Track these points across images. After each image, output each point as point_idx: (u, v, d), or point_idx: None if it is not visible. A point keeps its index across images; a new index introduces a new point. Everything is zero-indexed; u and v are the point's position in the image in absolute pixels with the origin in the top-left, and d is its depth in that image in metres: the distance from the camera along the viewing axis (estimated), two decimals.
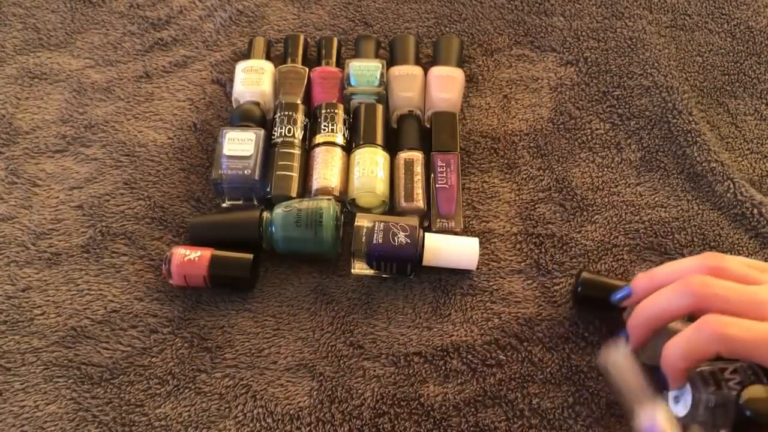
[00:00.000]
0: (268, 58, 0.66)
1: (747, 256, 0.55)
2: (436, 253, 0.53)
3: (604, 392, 0.49)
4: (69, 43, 0.69)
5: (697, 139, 0.61)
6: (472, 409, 0.48)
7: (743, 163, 0.61)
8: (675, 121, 0.63)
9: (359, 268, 0.54)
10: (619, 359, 0.45)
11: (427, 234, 0.53)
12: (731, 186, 0.58)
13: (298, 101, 0.62)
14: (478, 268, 0.55)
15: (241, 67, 0.64)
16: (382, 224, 0.52)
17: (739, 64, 0.68)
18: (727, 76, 0.66)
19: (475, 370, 0.50)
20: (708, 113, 0.64)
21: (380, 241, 0.51)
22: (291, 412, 0.49)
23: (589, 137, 0.62)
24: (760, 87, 0.66)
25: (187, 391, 0.49)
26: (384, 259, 0.52)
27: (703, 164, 0.60)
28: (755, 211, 0.57)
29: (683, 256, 0.56)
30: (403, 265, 0.52)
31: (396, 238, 0.51)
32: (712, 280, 0.41)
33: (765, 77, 0.67)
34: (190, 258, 0.52)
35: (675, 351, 0.41)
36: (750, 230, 0.56)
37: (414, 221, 0.53)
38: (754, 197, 0.58)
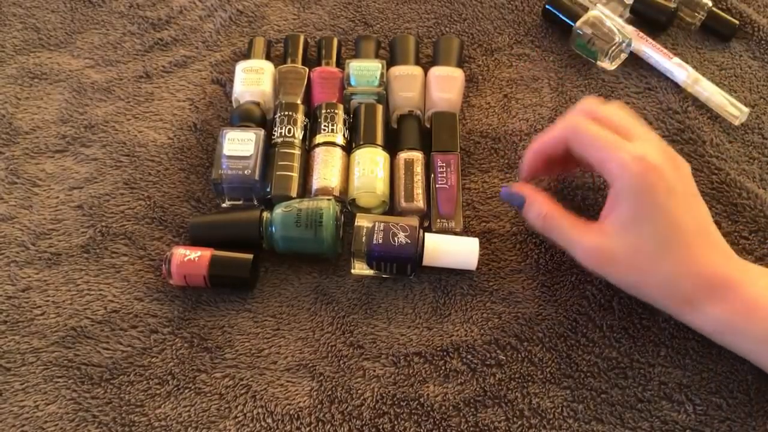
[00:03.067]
0: (268, 58, 0.66)
1: (747, 255, 0.55)
2: (436, 253, 0.53)
3: (605, 391, 0.49)
4: (69, 43, 0.69)
5: (694, 136, 0.61)
6: (472, 409, 0.48)
7: (743, 160, 0.61)
8: (672, 120, 0.63)
9: (359, 268, 0.54)
10: None
11: (427, 234, 0.53)
12: (731, 181, 0.58)
13: (298, 101, 0.62)
14: (478, 268, 0.55)
15: (241, 67, 0.64)
16: (382, 224, 0.52)
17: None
18: (724, 71, 0.66)
19: (475, 370, 0.50)
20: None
21: (380, 241, 0.51)
22: (291, 412, 0.49)
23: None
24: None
25: (187, 391, 0.49)
26: (384, 259, 0.52)
27: (702, 162, 0.60)
28: (753, 203, 0.57)
29: None
30: (403, 266, 0.52)
31: (396, 239, 0.51)
32: (585, 121, 0.49)
33: None
34: (190, 258, 0.52)
35: (535, 140, 0.52)
36: (750, 223, 0.56)
37: (414, 221, 0.53)
38: (752, 191, 0.58)
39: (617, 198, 0.47)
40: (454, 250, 0.53)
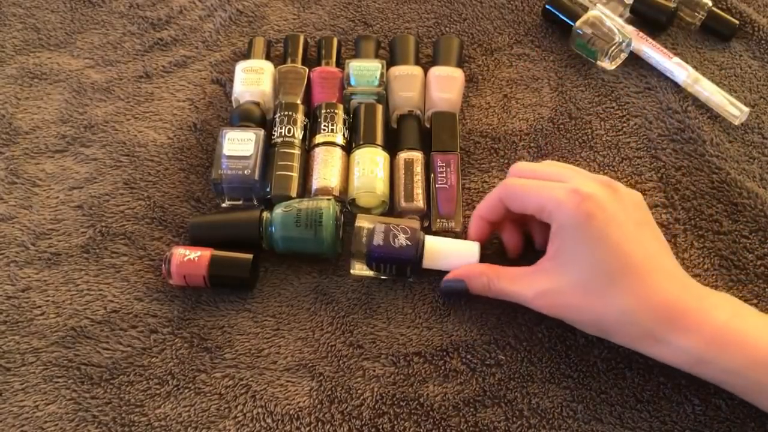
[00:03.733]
0: (268, 58, 0.66)
1: (747, 254, 0.55)
2: (436, 255, 0.52)
3: (604, 391, 0.49)
4: (69, 43, 0.69)
5: (694, 136, 0.61)
6: (472, 409, 0.48)
7: (743, 160, 0.61)
8: (672, 120, 0.63)
9: (359, 269, 0.54)
10: None
11: (427, 236, 0.53)
12: (731, 181, 0.58)
13: (298, 101, 0.62)
14: None
15: (240, 67, 0.64)
16: (382, 225, 0.52)
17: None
18: (724, 71, 0.66)
19: (474, 370, 0.50)
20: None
21: (380, 242, 0.51)
22: (291, 412, 0.49)
23: (590, 137, 0.62)
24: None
25: (186, 391, 0.49)
26: (384, 260, 0.52)
27: (702, 162, 0.60)
28: (753, 203, 0.57)
29: (683, 258, 0.55)
30: (402, 267, 0.52)
31: (396, 240, 0.51)
32: (515, 179, 0.50)
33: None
34: (189, 258, 0.52)
35: (478, 206, 0.52)
36: (751, 223, 0.56)
37: (415, 223, 0.53)
38: (752, 190, 0.58)
39: (557, 236, 0.46)
40: (454, 253, 0.53)
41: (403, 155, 0.58)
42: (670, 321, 0.43)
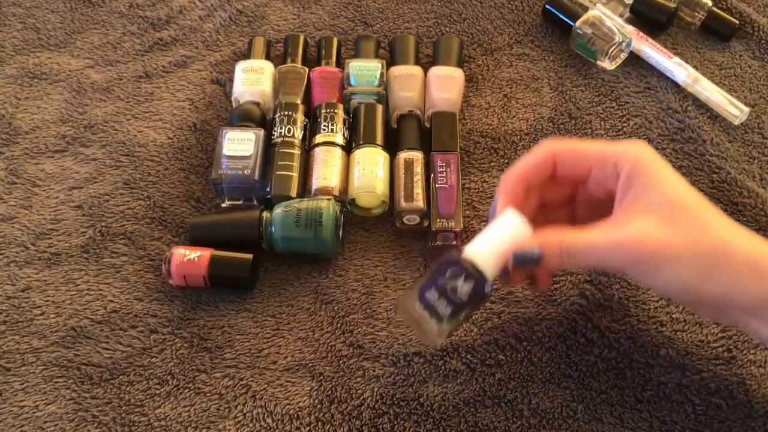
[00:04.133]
0: (268, 58, 0.66)
1: None
2: (493, 261, 0.44)
3: (604, 391, 0.49)
4: (69, 43, 0.69)
5: (694, 135, 0.61)
6: (472, 409, 0.48)
7: (743, 160, 0.61)
8: (672, 119, 0.63)
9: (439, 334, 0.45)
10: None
11: (468, 248, 0.45)
12: (731, 180, 0.58)
13: (298, 101, 0.62)
14: None
15: (240, 67, 0.64)
16: (433, 291, 0.43)
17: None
18: (724, 70, 0.66)
19: (474, 370, 0.50)
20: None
21: (446, 310, 0.43)
22: (291, 412, 0.49)
23: (590, 137, 0.62)
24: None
25: (186, 391, 0.49)
26: (458, 312, 0.44)
27: (702, 161, 0.60)
28: (753, 202, 0.57)
29: None
30: (480, 304, 0.46)
31: (457, 292, 0.43)
32: (564, 140, 0.46)
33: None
34: (189, 258, 0.52)
35: (516, 167, 0.46)
36: (751, 222, 0.56)
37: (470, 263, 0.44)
38: (752, 190, 0.58)
39: (632, 180, 0.42)
40: (505, 241, 0.44)
41: (403, 155, 0.58)
42: (764, 253, 0.40)
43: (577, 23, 0.66)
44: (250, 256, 0.53)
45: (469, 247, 0.44)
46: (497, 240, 0.44)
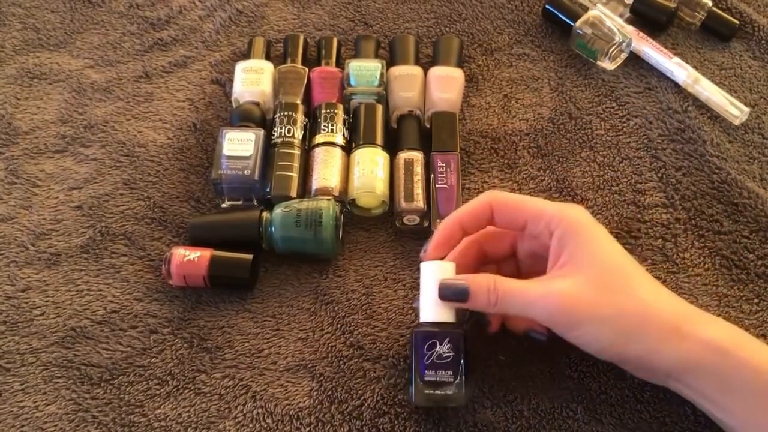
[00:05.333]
0: (267, 58, 0.66)
1: (748, 254, 0.55)
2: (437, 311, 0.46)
3: (604, 392, 0.49)
4: (69, 43, 0.69)
5: (694, 136, 0.61)
6: (471, 410, 0.48)
7: (744, 160, 0.61)
8: (672, 120, 0.63)
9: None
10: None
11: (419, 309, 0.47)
12: (731, 181, 0.58)
13: (298, 101, 0.62)
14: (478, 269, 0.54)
15: (240, 67, 0.64)
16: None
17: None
18: (724, 71, 0.66)
19: (473, 370, 0.50)
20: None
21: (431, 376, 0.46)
22: (291, 412, 0.49)
23: (590, 137, 0.62)
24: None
25: (186, 391, 0.49)
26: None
27: (703, 162, 0.60)
28: (753, 202, 0.57)
29: (684, 258, 0.55)
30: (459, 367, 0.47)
31: (441, 360, 0.46)
32: (503, 192, 0.48)
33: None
34: (189, 258, 0.52)
35: (458, 211, 0.48)
36: (751, 223, 0.56)
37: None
38: (752, 190, 0.58)
39: (566, 240, 0.44)
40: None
41: (403, 155, 0.58)
42: (694, 312, 0.43)
43: (577, 23, 0.66)
44: (250, 256, 0.53)
45: (421, 315, 0.47)
46: (434, 289, 0.46)
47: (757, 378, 0.40)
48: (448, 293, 0.45)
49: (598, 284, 0.42)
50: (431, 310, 0.46)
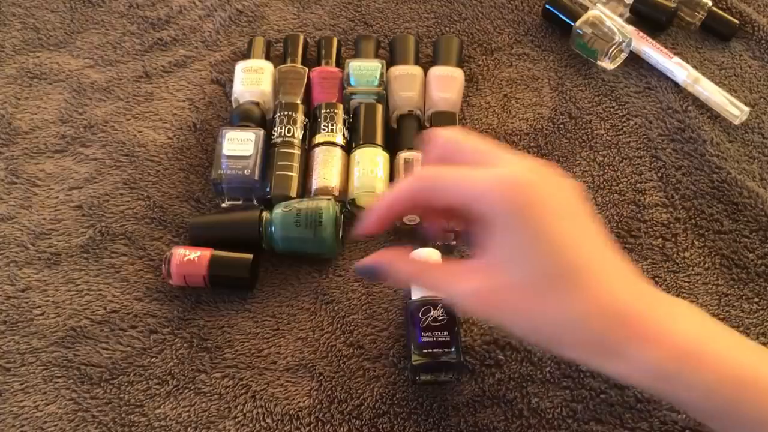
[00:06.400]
0: (267, 58, 0.66)
1: (748, 254, 0.55)
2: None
3: (604, 391, 0.49)
4: (68, 43, 0.69)
5: (694, 135, 0.61)
6: (471, 410, 0.48)
7: (743, 160, 0.61)
8: (672, 119, 0.63)
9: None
10: None
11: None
12: (731, 180, 0.58)
13: (298, 101, 0.62)
14: None
15: (240, 67, 0.64)
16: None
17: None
18: (724, 70, 0.66)
19: (474, 370, 0.50)
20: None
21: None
22: (291, 412, 0.49)
23: (590, 137, 0.62)
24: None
25: (186, 391, 0.49)
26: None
27: (703, 161, 0.60)
28: (753, 202, 0.57)
29: (684, 257, 0.55)
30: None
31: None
32: (432, 170, 0.40)
33: None
34: (189, 258, 0.52)
35: (387, 196, 0.41)
36: (751, 222, 0.56)
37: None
38: (752, 190, 0.58)
39: (488, 231, 0.37)
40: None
41: (403, 155, 0.58)
42: (625, 329, 0.35)
43: (577, 23, 0.66)
44: (249, 256, 0.53)
45: (413, 294, 0.50)
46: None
47: (712, 397, 0.35)
48: (365, 272, 0.43)
49: (515, 291, 0.37)
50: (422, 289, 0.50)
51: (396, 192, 0.41)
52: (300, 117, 0.60)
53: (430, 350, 0.47)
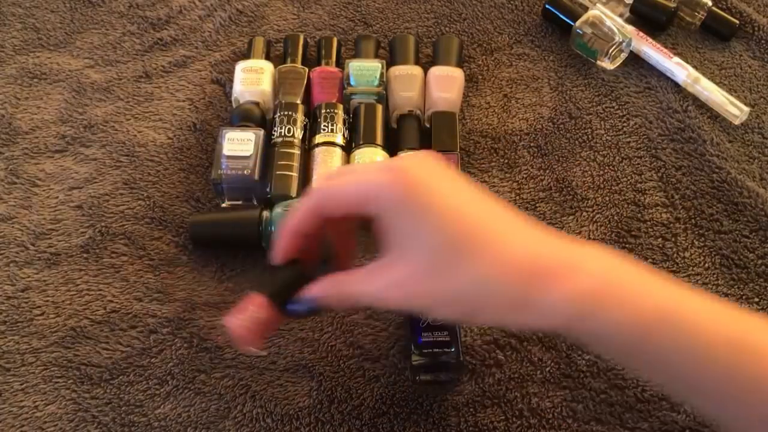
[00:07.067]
0: (267, 58, 0.66)
1: (748, 253, 0.55)
2: None
3: (604, 391, 0.49)
4: (69, 43, 0.69)
5: (694, 135, 0.61)
6: (471, 410, 0.48)
7: (743, 160, 0.61)
8: (672, 119, 0.63)
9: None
10: None
11: None
12: (731, 180, 0.58)
13: (298, 101, 0.62)
14: None
15: (240, 67, 0.64)
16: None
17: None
18: (724, 70, 0.66)
19: (474, 370, 0.50)
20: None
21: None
22: (290, 412, 0.49)
23: (590, 137, 0.62)
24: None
25: (186, 391, 0.49)
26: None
27: (703, 161, 0.60)
28: (753, 202, 0.57)
29: (684, 257, 0.55)
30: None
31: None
32: (324, 183, 0.42)
33: None
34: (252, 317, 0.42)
35: (289, 221, 0.42)
36: (751, 222, 0.56)
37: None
38: (752, 189, 0.58)
39: (384, 223, 0.38)
40: None
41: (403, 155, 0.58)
42: (533, 279, 0.36)
43: (577, 23, 0.66)
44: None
45: None
46: None
47: (624, 334, 0.35)
48: (299, 313, 0.43)
49: (424, 273, 0.37)
50: None
51: (294, 216, 0.42)
52: (300, 117, 0.60)
53: (430, 350, 0.48)
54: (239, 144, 0.57)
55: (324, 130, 0.59)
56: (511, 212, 0.38)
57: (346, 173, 0.42)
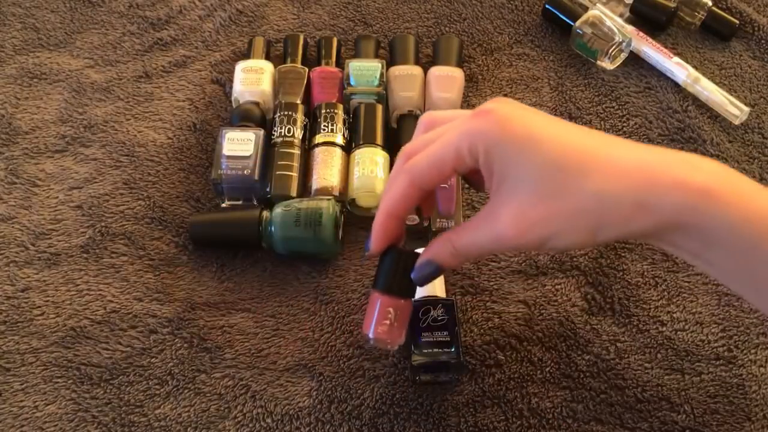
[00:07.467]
0: (267, 58, 0.66)
1: None
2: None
3: (604, 391, 0.49)
4: (68, 43, 0.69)
5: (694, 135, 0.61)
6: (471, 410, 0.48)
7: (743, 160, 0.61)
8: (672, 119, 0.63)
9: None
10: None
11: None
12: None
13: (298, 101, 0.62)
14: (478, 268, 0.54)
15: (240, 67, 0.64)
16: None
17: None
18: (724, 70, 0.66)
19: (474, 370, 0.50)
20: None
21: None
22: (290, 412, 0.49)
23: None
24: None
25: (186, 391, 0.49)
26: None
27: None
28: None
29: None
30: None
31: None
32: (413, 159, 0.41)
33: None
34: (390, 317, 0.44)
35: (386, 205, 0.42)
36: None
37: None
38: None
39: (489, 164, 0.38)
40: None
41: None
42: (651, 181, 0.36)
43: (577, 23, 0.66)
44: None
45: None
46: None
47: (737, 233, 0.35)
48: (425, 279, 0.43)
49: (539, 198, 0.37)
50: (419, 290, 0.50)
51: (390, 200, 0.42)
52: (300, 117, 0.60)
53: (430, 350, 0.48)
54: (239, 144, 0.57)
55: (324, 130, 0.59)
56: (601, 131, 0.39)
57: (430, 140, 0.41)
